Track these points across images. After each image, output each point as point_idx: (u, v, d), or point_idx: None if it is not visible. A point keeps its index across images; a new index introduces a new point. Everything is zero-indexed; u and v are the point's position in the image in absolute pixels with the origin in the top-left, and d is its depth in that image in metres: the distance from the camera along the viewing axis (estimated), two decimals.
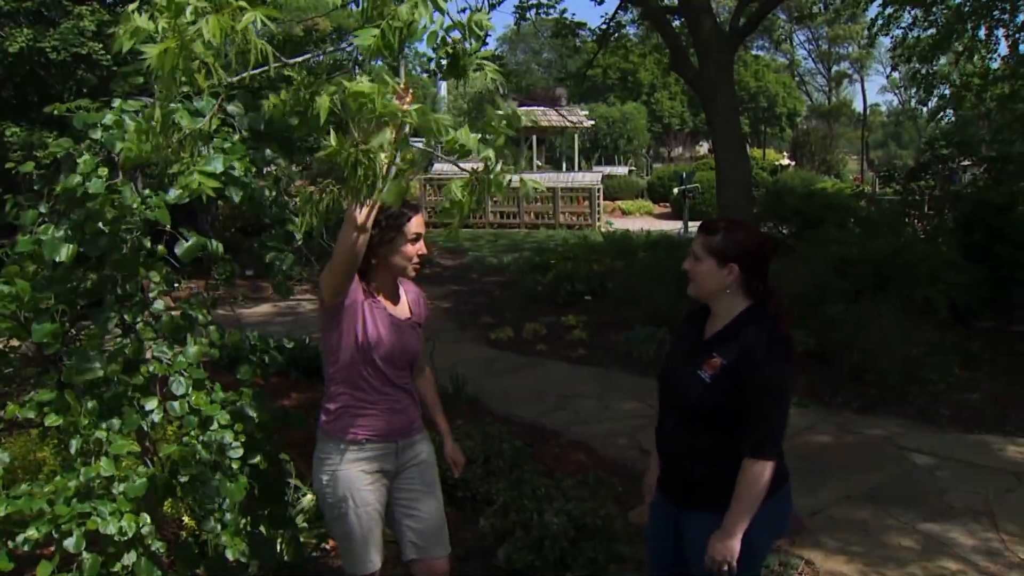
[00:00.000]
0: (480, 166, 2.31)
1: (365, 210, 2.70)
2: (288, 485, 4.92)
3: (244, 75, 2.23)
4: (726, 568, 2.78)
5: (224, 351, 3.97)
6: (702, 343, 2.94)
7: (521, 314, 11.82)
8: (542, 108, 33.83)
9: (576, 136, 35.72)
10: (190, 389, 3.33)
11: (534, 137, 34.43)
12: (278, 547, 4.39)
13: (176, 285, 3.70)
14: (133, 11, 2.31)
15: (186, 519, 4.40)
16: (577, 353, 9.77)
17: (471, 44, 2.31)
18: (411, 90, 2.28)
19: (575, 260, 13.66)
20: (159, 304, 3.46)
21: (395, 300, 3.31)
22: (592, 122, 36.51)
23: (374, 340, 3.17)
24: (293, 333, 10.22)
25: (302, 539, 4.59)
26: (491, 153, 2.27)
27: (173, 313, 3.48)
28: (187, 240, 3.35)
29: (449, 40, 2.28)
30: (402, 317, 3.30)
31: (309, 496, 5.04)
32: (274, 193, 3.71)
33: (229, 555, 3.36)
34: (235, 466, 3.42)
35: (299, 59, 2.32)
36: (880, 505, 5.51)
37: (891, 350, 7.97)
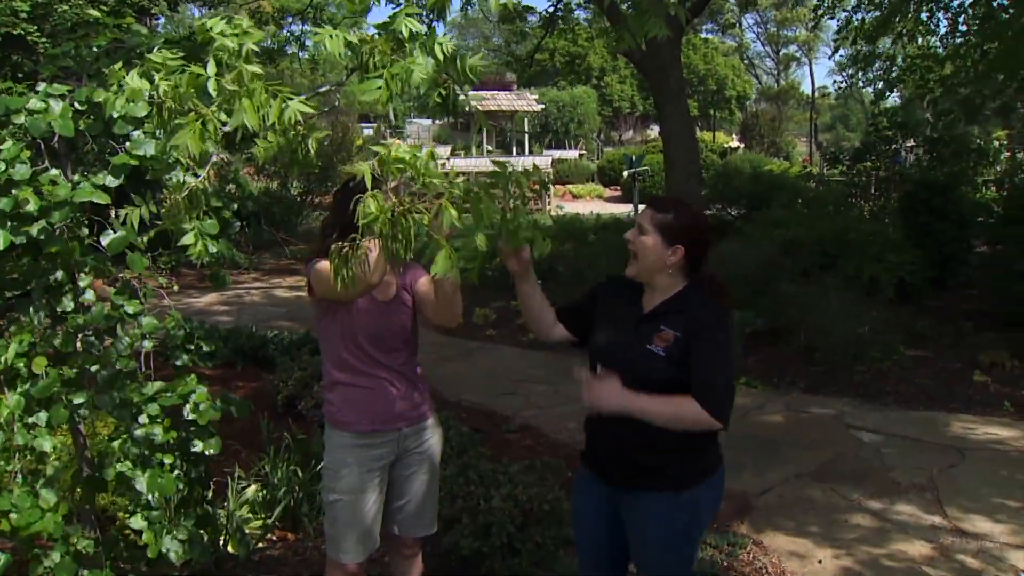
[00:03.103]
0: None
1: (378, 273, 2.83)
2: (231, 475, 4.86)
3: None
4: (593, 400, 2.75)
5: (168, 341, 3.87)
6: (646, 317, 2.88)
7: (470, 299, 11.67)
8: (491, 92, 33.73)
9: (526, 120, 35.67)
10: (119, 382, 3.23)
11: None
12: (221, 540, 4.33)
13: (120, 276, 3.60)
14: (119, 69, 2.25)
15: (121, 515, 4.31)
16: (528, 338, 9.74)
17: (463, 87, 2.36)
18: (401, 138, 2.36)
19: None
20: (89, 295, 3.35)
21: None
22: (542, 106, 36.49)
23: (356, 321, 3.17)
24: (240, 322, 10.13)
25: (247, 531, 4.52)
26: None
27: (105, 304, 3.37)
28: (114, 231, 3.24)
29: (443, 79, 2.32)
30: (385, 298, 3.26)
31: (253, 487, 4.97)
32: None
33: (149, 553, 3.28)
34: (167, 461, 3.33)
35: (304, 96, 2.37)
36: (828, 483, 5.57)
37: (838, 329, 8.07)
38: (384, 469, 3.28)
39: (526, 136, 35.99)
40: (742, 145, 44.74)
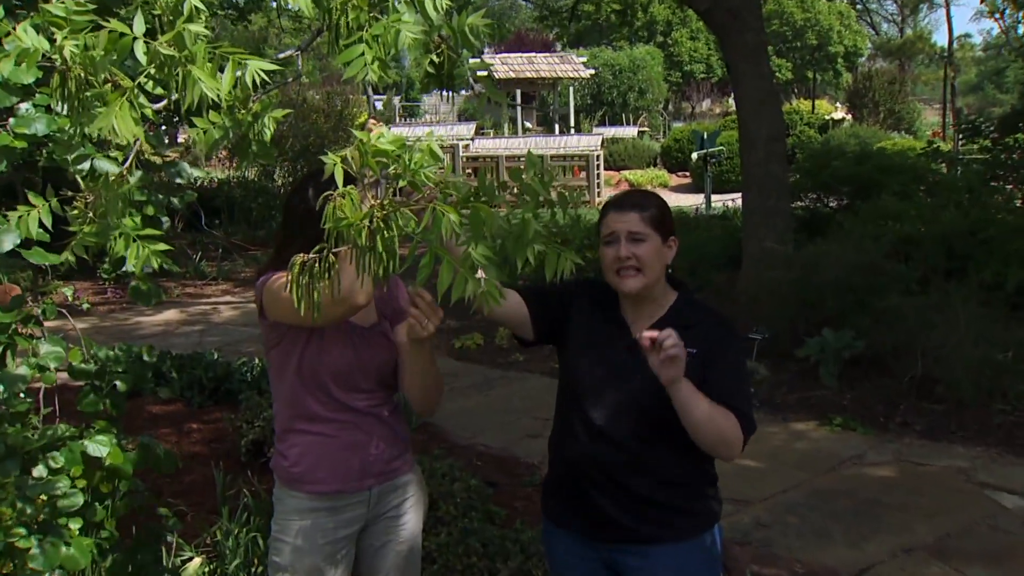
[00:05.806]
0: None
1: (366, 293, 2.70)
2: (167, 545, 4.81)
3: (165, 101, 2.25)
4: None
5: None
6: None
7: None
8: (528, 55, 33.80)
9: (572, 90, 35.67)
10: (3, 426, 3.18)
11: (518, 92, 34.33)
12: None
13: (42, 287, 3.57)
14: (2, 20, 2.18)
15: None
16: None
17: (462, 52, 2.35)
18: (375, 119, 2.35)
19: (565, 246, 13.58)
20: None
21: None
22: (592, 71, 36.47)
23: (321, 354, 3.10)
24: (202, 346, 10.16)
25: None
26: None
27: None
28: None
29: (436, 41, 2.29)
30: (364, 323, 3.20)
31: (198, 560, 4.93)
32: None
33: None
34: (73, 526, 3.28)
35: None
36: (953, 563, 5.40)
37: (968, 355, 7.89)
38: (350, 539, 3.23)
39: (571, 110, 35.97)
40: (850, 116, 44.38)
